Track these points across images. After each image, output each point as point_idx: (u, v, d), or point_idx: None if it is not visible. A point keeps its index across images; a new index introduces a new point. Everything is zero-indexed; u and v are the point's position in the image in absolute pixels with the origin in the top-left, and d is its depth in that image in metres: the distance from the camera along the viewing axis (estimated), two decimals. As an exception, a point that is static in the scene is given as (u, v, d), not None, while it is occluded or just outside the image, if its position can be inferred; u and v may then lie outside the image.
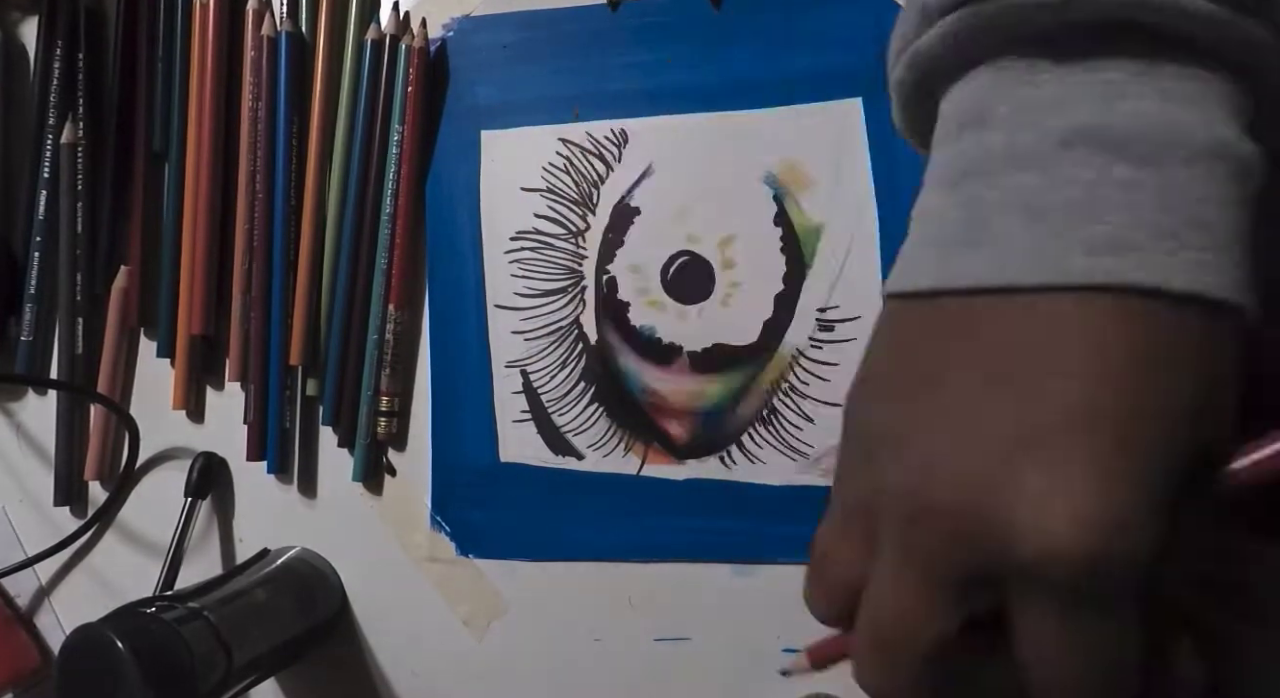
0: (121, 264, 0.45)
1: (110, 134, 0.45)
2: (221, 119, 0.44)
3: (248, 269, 0.43)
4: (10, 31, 0.48)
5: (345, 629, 0.44)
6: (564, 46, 0.41)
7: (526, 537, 0.41)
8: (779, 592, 0.39)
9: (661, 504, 0.40)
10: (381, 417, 0.42)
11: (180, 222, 0.44)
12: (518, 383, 0.41)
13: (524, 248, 0.41)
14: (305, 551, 0.44)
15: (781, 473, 0.39)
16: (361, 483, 0.43)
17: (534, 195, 0.41)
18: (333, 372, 0.43)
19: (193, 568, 0.45)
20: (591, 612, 0.41)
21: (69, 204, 0.45)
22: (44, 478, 0.47)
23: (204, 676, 0.35)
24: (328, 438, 0.44)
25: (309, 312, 0.43)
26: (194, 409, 0.46)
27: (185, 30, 0.44)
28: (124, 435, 0.46)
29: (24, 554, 0.47)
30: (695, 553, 0.40)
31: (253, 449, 0.44)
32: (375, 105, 0.42)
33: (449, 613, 0.43)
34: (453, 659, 0.42)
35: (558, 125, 0.41)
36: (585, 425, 0.41)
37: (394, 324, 0.42)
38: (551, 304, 0.41)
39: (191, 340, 0.44)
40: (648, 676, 0.40)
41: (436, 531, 0.43)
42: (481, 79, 0.42)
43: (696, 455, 0.40)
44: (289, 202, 0.43)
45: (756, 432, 0.39)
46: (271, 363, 0.43)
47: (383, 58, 0.41)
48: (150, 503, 0.46)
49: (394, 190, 0.41)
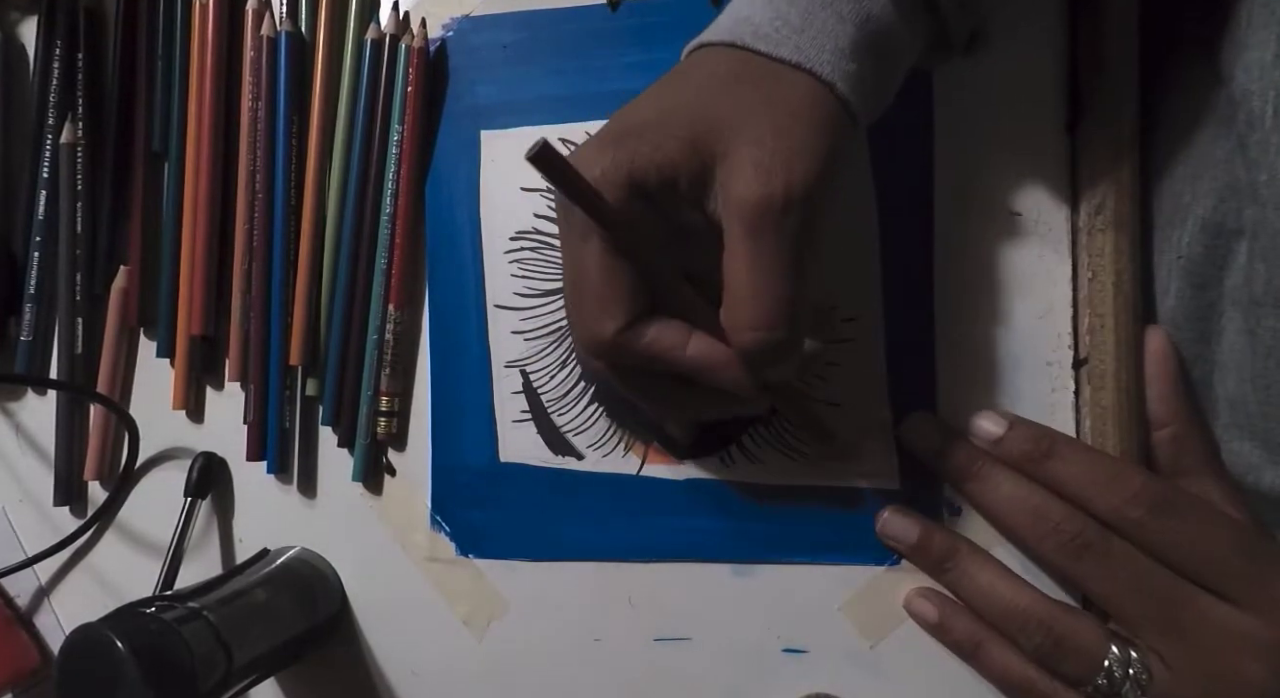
0: (121, 264, 0.45)
1: (110, 134, 0.45)
2: (221, 119, 0.44)
3: (247, 269, 0.43)
4: (10, 31, 0.48)
5: (345, 629, 0.44)
6: (564, 46, 0.41)
7: (526, 537, 0.41)
8: (779, 592, 0.39)
9: (661, 504, 0.40)
10: (381, 417, 0.42)
11: (180, 221, 0.44)
12: (517, 383, 0.41)
13: (524, 248, 0.41)
14: (305, 551, 0.44)
15: (781, 473, 0.39)
16: (361, 483, 0.43)
17: (534, 195, 0.41)
18: (333, 372, 0.43)
19: (193, 568, 0.45)
20: (591, 612, 0.41)
21: (69, 204, 0.45)
22: (44, 478, 0.47)
23: (204, 676, 0.35)
24: (328, 438, 0.44)
25: (308, 312, 0.43)
26: (194, 409, 0.46)
27: (185, 30, 0.44)
28: (124, 435, 0.46)
29: (24, 554, 0.47)
30: (695, 553, 0.40)
31: (253, 449, 0.44)
32: (375, 105, 0.42)
33: (449, 613, 0.43)
34: (453, 659, 0.43)
35: (558, 125, 0.41)
36: (585, 425, 0.41)
37: (394, 324, 0.42)
38: (551, 304, 0.41)
39: (191, 341, 0.44)
40: (648, 676, 0.40)
41: (436, 531, 0.43)
42: (481, 79, 0.42)
43: (696, 456, 0.40)
44: (289, 201, 0.43)
45: (756, 432, 0.39)
46: (271, 363, 0.43)
47: (382, 58, 0.41)
48: (150, 503, 0.46)
49: (394, 190, 0.41)
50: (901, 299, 0.38)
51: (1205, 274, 0.34)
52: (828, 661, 0.39)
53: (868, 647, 0.38)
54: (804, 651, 0.39)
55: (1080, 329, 0.36)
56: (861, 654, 0.38)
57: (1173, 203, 0.35)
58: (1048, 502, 0.33)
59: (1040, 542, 0.33)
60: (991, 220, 0.37)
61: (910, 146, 0.38)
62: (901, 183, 0.38)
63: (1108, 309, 0.35)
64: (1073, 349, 0.36)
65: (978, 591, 0.35)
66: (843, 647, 0.39)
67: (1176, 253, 0.35)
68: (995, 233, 0.37)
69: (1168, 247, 0.35)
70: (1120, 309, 0.35)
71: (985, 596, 0.34)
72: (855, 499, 0.38)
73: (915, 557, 0.36)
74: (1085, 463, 0.33)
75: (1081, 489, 0.33)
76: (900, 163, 0.38)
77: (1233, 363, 0.34)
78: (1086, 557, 0.32)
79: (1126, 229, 0.35)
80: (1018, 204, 0.37)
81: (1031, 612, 0.33)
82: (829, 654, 0.39)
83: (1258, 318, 0.31)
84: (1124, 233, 0.35)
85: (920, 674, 0.38)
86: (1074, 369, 0.36)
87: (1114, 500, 0.32)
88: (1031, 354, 0.36)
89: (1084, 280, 0.36)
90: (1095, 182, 0.35)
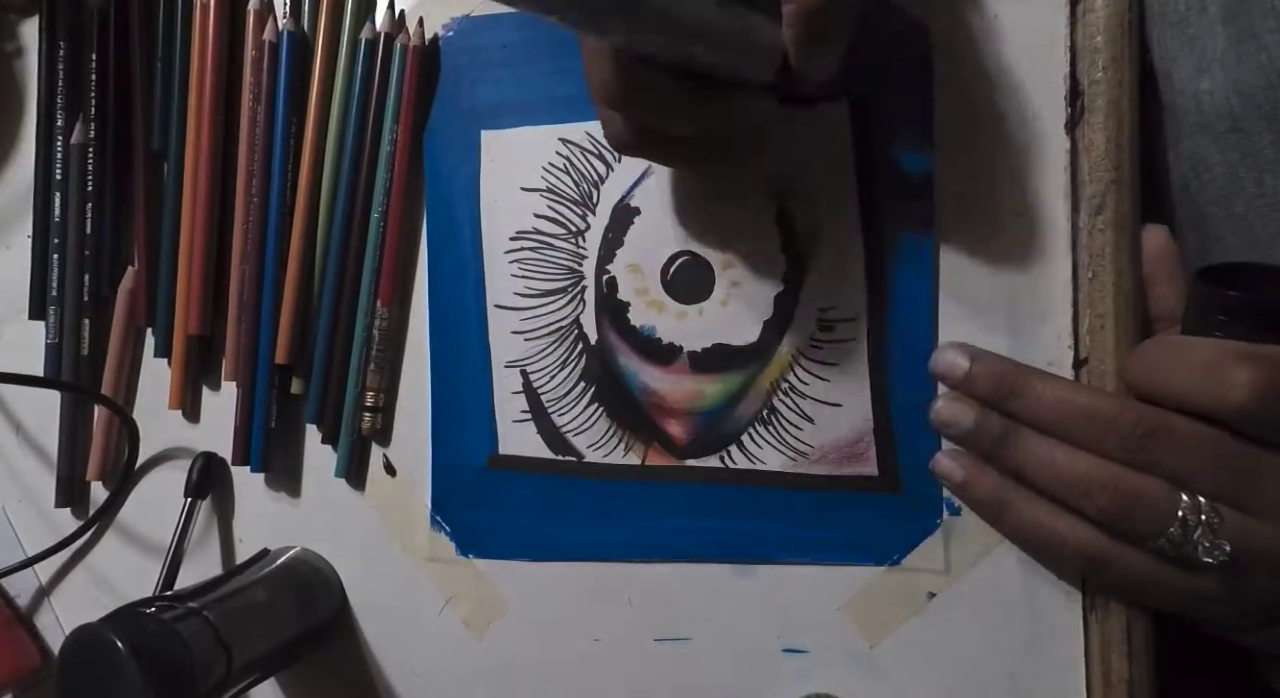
0: (128, 265, 0.46)
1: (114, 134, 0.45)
2: (220, 119, 0.44)
3: (244, 270, 0.43)
4: (10, 31, 0.48)
5: (345, 629, 0.44)
6: (564, 46, 0.41)
7: (526, 537, 0.41)
8: (779, 592, 0.39)
9: (661, 504, 0.40)
10: (366, 412, 0.42)
11: (179, 222, 0.44)
12: (518, 383, 0.41)
13: (524, 248, 0.41)
14: (305, 551, 0.44)
15: (781, 473, 0.39)
16: (345, 479, 0.43)
17: (534, 195, 0.41)
18: (318, 369, 0.43)
19: (193, 568, 0.45)
20: (591, 612, 0.41)
21: (78, 205, 0.45)
22: (44, 478, 0.47)
23: (204, 676, 0.35)
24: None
25: (296, 311, 0.43)
26: (191, 409, 0.46)
27: (185, 30, 0.44)
28: (125, 436, 0.46)
29: (24, 554, 0.47)
30: (695, 553, 0.40)
31: (238, 453, 0.44)
32: (368, 103, 0.42)
33: (449, 613, 0.43)
34: (453, 659, 0.43)
35: (558, 125, 0.41)
36: (585, 425, 0.41)
37: (380, 320, 0.42)
38: (551, 304, 0.41)
39: (189, 341, 0.44)
40: (648, 676, 0.40)
41: (436, 531, 0.43)
42: (481, 79, 0.42)
43: (696, 455, 0.40)
44: (283, 201, 0.43)
45: (756, 432, 0.39)
46: (260, 363, 0.43)
47: (377, 56, 0.41)
48: (150, 503, 0.46)
49: (386, 188, 0.41)
50: (901, 299, 0.38)
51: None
52: (828, 661, 0.39)
53: (868, 647, 0.38)
54: (804, 651, 0.39)
55: (1080, 329, 0.36)
56: (861, 654, 0.38)
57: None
58: (1094, 400, 0.33)
59: (1101, 443, 0.32)
60: (991, 220, 0.37)
61: (910, 146, 0.38)
62: (901, 182, 0.38)
63: (1108, 309, 0.35)
64: (1073, 349, 0.36)
65: (1037, 463, 0.34)
66: (843, 647, 0.39)
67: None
68: (995, 233, 0.37)
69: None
70: (1120, 309, 0.35)
71: (1045, 466, 0.33)
72: (855, 500, 0.38)
73: (972, 439, 0.35)
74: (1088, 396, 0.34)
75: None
76: (900, 162, 0.38)
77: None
78: (1150, 444, 0.32)
79: (1126, 229, 0.35)
80: (1018, 204, 0.37)
81: (1093, 475, 0.32)
82: (829, 654, 0.39)
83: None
84: (1124, 233, 0.35)
85: (920, 674, 0.38)
86: (1074, 369, 0.36)
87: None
88: (1031, 354, 0.36)
89: (1084, 280, 0.36)
90: (1095, 181, 0.35)
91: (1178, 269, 0.35)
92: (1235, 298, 0.31)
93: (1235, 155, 0.33)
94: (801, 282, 0.39)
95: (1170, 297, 0.35)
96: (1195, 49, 0.34)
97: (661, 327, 0.40)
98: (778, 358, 0.39)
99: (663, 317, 0.40)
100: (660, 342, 0.40)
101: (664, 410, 0.40)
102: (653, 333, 0.40)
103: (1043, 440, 0.34)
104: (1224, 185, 0.34)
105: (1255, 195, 0.33)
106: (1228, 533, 0.30)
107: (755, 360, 0.39)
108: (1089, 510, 0.32)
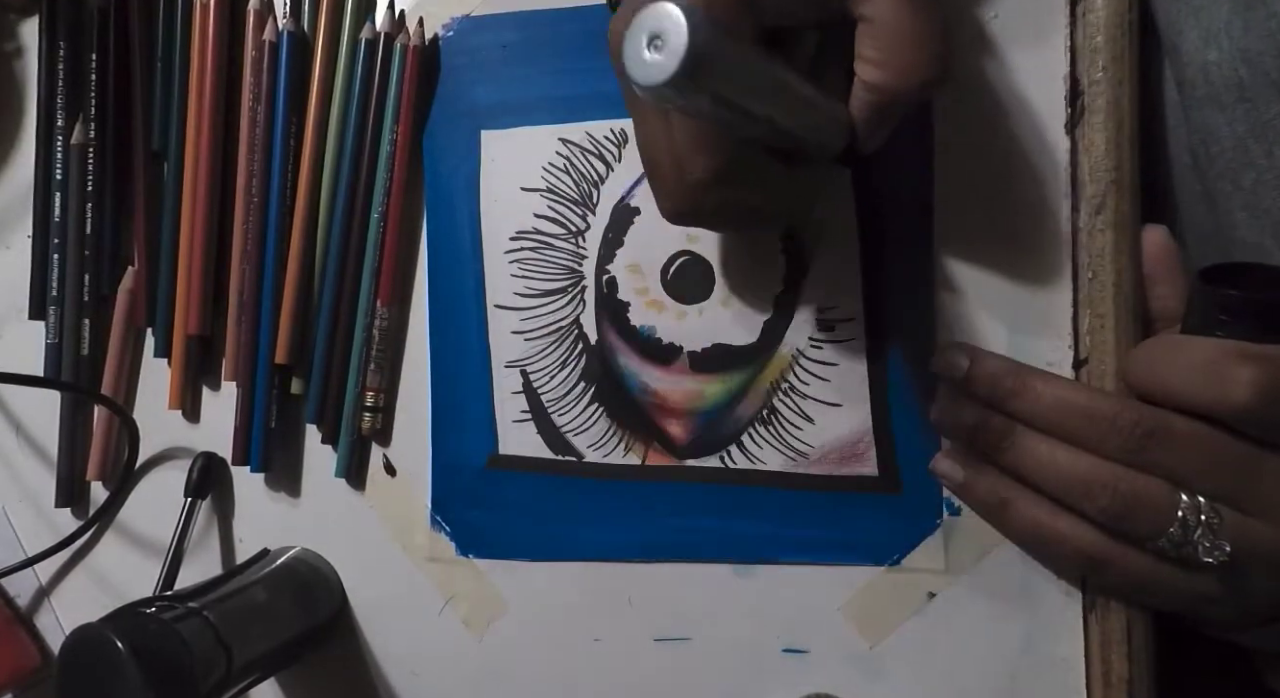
0: (128, 265, 0.46)
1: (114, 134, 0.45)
2: (220, 119, 0.44)
3: (244, 270, 0.43)
4: (10, 31, 0.48)
5: (345, 629, 0.44)
6: (564, 46, 0.41)
7: (526, 537, 0.41)
8: (779, 592, 0.39)
9: (661, 504, 0.40)
10: (366, 412, 0.42)
11: (179, 222, 0.44)
12: (518, 383, 0.41)
13: (524, 248, 0.41)
14: (305, 551, 0.44)
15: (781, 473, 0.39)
16: (344, 479, 0.43)
17: (534, 195, 0.41)
18: (318, 369, 0.43)
19: (193, 568, 0.45)
20: (591, 612, 0.41)
21: (78, 205, 0.45)
22: (44, 478, 0.47)
23: (204, 676, 0.35)
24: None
25: (296, 311, 0.43)
26: (191, 409, 0.46)
27: (185, 30, 0.44)
28: (125, 436, 0.46)
29: (24, 554, 0.47)
30: (695, 553, 0.40)
31: (238, 454, 0.44)
32: (368, 103, 0.42)
33: (449, 613, 0.43)
34: (453, 659, 0.43)
35: (558, 125, 0.41)
36: (585, 425, 0.41)
37: (380, 320, 0.42)
38: (551, 304, 0.41)
39: (189, 341, 0.44)
40: (648, 676, 0.40)
41: (436, 531, 0.43)
42: (481, 79, 0.42)
43: (696, 455, 0.40)
44: (283, 201, 0.43)
45: (756, 432, 0.39)
46: (260, 363, 0.43)
47: (376, 56, 0.41)
48: (150, 503, 0.46)
49: (386, 187, 0.41)
50: (902, 299, 0.38)
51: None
52: (828, 661, 0.39)
53: (868, 647, 0.38)
54: (804, 651, 0.39)
55: (1080, 329, 0.36)
56: (861, 655, 0.38)
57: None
58: (1094, 399, 0.33)
59: (1101, 443, 0.32)
60: (991, 220, 0.37)
61: (910, 146, 0.38)
62: (901, 183, 0.38)
63: (1108, 309, 0.35)
64: (1073, 349, 0.36)
65: (1037, 463, 0.34)
66: (843, 647, 0.39)
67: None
68: (995, 233, 0.37)
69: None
70: (1120, 309, 0.35)
71: (1046, 467, 0.33)
72: (855, 500, 0.38)
73: (972, 440, 0.35)
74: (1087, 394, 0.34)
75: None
76: (900, 163, 0.38)
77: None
78: (1150, 444, 0.31)
79: (1126, 229, 0.35)
80: (1017, 204, 0.37)
81: (1094, 475, 0.32)
82: (829, 654, 0.39)
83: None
84: (1124, 233, 0.35)
85: (920, 675, 0.38)
86: (1074, 369, 0.36)
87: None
88: (1031, 354, 0.36)
89: (1084, 280, 0.35)
90: (1095, 181, 0.35)
91: (1178, 269, 0.34)
92: (1236, 297, 0.30)
93: (1244, 127, 0.33)
94: (801, 282, 0.39)
95: (1170, 297, 0.34)
96: (1201, 19, 0.33)
97: (661, 327, 0.40)
98: (778, 358, 0.39)
99: (663, 317, 0.40)
100: (660, 342, 0.40)
101: (664, 411, 0.40)
102: (653, 333, 0.40)
103: (1043, 440, 0.34)
104: (1233, 158, 0.33)
105: (1266, 168, 0.33)
106: (1227, 533, 0.30)
107: (755, 360, 0.39)
108: (1089, 511, 0.32)
